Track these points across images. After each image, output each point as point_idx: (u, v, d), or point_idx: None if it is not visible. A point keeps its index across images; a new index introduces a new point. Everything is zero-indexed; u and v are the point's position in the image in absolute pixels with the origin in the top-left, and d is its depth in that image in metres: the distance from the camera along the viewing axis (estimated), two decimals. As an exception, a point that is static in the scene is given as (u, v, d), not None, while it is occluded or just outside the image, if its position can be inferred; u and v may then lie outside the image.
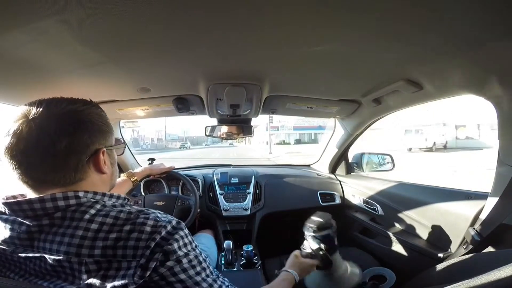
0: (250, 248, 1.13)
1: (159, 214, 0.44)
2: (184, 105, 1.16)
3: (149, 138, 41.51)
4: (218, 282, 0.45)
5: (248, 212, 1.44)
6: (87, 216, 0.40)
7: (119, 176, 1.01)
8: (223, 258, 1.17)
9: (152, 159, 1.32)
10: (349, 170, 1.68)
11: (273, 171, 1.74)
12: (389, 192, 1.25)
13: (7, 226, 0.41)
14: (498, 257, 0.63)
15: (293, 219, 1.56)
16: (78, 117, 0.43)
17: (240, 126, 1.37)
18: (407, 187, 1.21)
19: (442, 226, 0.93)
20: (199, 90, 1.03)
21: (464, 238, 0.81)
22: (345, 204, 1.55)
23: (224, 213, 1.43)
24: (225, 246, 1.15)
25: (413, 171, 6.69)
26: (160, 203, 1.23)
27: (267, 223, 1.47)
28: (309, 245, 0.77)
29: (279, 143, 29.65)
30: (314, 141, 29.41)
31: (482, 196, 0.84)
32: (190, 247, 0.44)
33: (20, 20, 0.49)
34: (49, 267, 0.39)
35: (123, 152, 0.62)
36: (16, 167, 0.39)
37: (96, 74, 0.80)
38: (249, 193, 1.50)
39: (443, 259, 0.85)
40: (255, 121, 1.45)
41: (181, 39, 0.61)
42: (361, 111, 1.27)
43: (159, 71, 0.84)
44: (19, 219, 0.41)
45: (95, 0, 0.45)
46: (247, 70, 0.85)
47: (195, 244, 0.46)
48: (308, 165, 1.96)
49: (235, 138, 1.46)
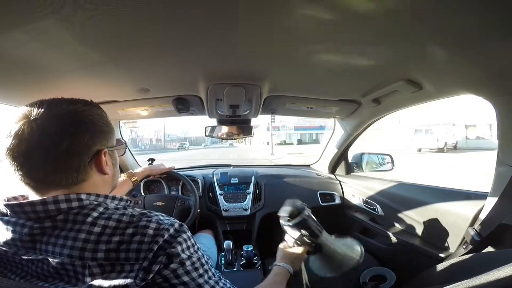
0: (250, 248, 1.13)
1: (162, 217, 0.44)
2: (184, 106, 1.16)
3: (148, 139, 41.13)
4: (220, 284, 0.46)
5: (248, 212, 1.44)
6: (90, 219, 0.40)
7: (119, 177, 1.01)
8: (223, 258, 1.17)
9: (152, 160, 1.33)
10: (349, 170, 1.68)
11: (273, 171, 1.74)
12: (389, 192, 1.25)
13: (9, 228, 0.41)
14: (498, 257, 0.64)
15: None
16: (79, 118, 0.43)
17: (240, 127, 1.37)
18: (407, 187, 1.21)
19: (442, 226, 0.93)
20: (199, 91, 1.03)
21: (464, 238, 0.81)
22: (345, 204, 1.55)
23: (224, 213, 1.43)
24: (225, 246, 1.15)
25: (439, 175, 6.11)
26: (160, 204, 1.23)
27: (267, 223, 1.47)
28: (290, 236, 0.76)
29: (280, 143, 29.53)
30: (316, 142, 29.23)
31: (482, 196, 0.84)
32: (193, 250, 0.44)
33: (20, 20, 0.49)
34: (52, 270, 0.39)
35: (124, 153, 0.62)
36: (18, 169, 0.39)
37: (96, 74, 0.80)
38: (249, 193, 1.50)
39: (443, 259, 0.85)
40: (255, 121, 1.45)
41: (181, 39, 0.61)
42: (361, 111, 1.27)
43: (159, 72, 0.84)
44: (21, 221, 0.40)
45: (95, 0, 0.45)
46: (247, 70, 0.85)
47: (198, 246, 0.46)
48: (308, 165, 1.96)
49: (235, 139, 1.46)
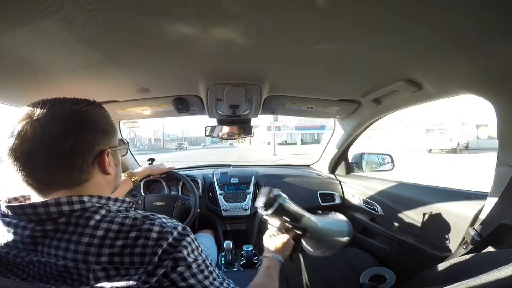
0: (250, 248, 1.13)
1: (164, 220, 0.44)
2: (184, 106, 1.16)
3: (146, 139, 40.90)
4: (225, 284, 0.46)
5: (248, 212, 1.44)
6: (92, 223, 0.39)
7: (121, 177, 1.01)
8: (223, 258, 1.17)
9: (152, 159, 1.32)
10: (349, 170, 1.68)
11: (273, 171, 1.74)
12: (389, 192, 1.25)
13: (10, 230, 0.40)
14: (498, 257, 0.63)
15: None
16: (82, 118, 0.42)
17: (240, 126, 1.37)
18: (407, 187, 1.21)
19: (442, 226, 0.93)
20: (199, 90, 1.03)
21: (464, 238, 0.81)
22: (345, 204, 1.55)
23: (224, 213, 1.43)
24: (225, 246, 1.15)
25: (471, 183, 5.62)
26: (160, 203, 1.23)
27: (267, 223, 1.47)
28: (273, 226, 0.75)
29: (281, 143, 29.32)
30: (317, 142, 28.98)
31: (482, 196, 0.84)
32: (197, 252, 0.44)
33: (20, 20, 0.49)
34: (55, 272, 0.38)
35: (127, 153, 0.62)
36: (21, 169, 0.39)
37: (96, 74, 0.80)
38: (249, 193, 1.50)
39: (443, 259, 0.85)
40: (256, 121, 1.45)
41: (181, 39, 0.61)
42: (361, 111, 1.27)
43: (159, 72, 0.84)
44: (22, 223, 0.40)
45: (95, 0, 0.45)
46: (247, 70, 0.85)
47: (201, 248, 0.46)
48: (308, 165, 1.96)
49: (235, 139, 1.46)
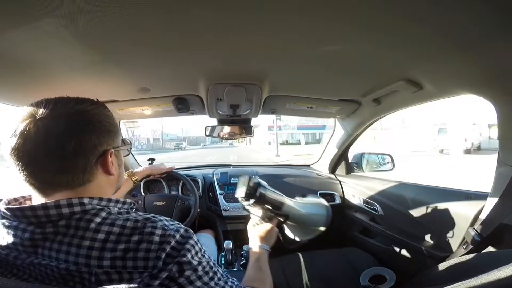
0: None
1: (166, 222, 0.43)
2: (184, 105, 1.16)
3: (145, 138, 40.54)
4: (229, 283, 0.46)
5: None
6: (93, 226, 0.39)
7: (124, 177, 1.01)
8: (223, 258, 1.17)
9: (152, 159, 1.33)
10: (349, 170, 1.68)
11: (273, 171, 1.74)
12: (389, 192, 1.25)
13: (10, 232, 0.40)
14: (498, 257, 0.64)
15: None
16: (86, 117, 0.42)
17: (240, 126, 1.37)
18: (407, 187, 1.21)
19: (442, 226, 0.93)
20: (199, 90, 1.03)
21: (464, 238, 0.81)
22: (345, 204, 1.55)
23: (224, 213, 1.43)
24: (225, 246, 1.15)
25: None
26: (160, 203, 1.23)
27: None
28: (255, 216, 0.74)
29: (282, 143, 29.04)
30: (318, 142, 28.83)
31: (482, 196, 0.84)
32: (201, 254, 0.43)
33: (20, 20, 0.49)
34: (57, 275, 0.38)
35: (129, 153, 0.61)
36: (23, 169, 0.38)
37: (96, 74, 0.80)
38: None
39: (443, 259, 0.85)
40: (256, 121, 1.45)
41: (182, 39, 0.61)
42: (361, 111, 1.27)
43: (159, 71, 0.84)
44: (22, 226, 0.40)
45: (95, 0, 0.45)
46: (247, 70, 0.85)
47: (204, 250, 0.45)
48: (308, 165, 1.96)
49: (235, 138, 1.46)
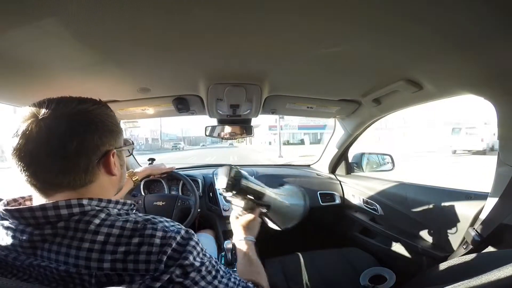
0: None
1: (166, 223, 0.43)
2: (184, 105, 1.16)
3: (143, 138, 40.27)
4: (232, 279, 0.46)
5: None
6: (92, 227, 0.39)
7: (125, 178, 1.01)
8: (223, 258, 1.17)
9: (152, 159, 1.33)
10: (349, 170, 1.68)
11: (273, 171, 1.74)
12: (389, 192, 1.25)
13: (9, 233, 0.40)
14: (498, 257, 0.64)
15: None
16: (88, 117, 0.41)
17: (241, 126, 1.37)
18: (407, 187, 1.21)
19: (442, 226, 0.93)
20: (199, 90, 1.03)
21: (464, 238, 0.81)
22: (345, 204, 1.55)
23: (224, 213, 1.43)
24: (225, 246, 1.15)
25: None
26: (160, 203, 1.23)
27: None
28: (238, 207, 0.74)
29: (283, 143, 28.99)
30: (319, 142, 28.71)
31: (482, 196, 0.84)
32: (202, 254, 0.43)
33: (20, 20, 0.49)
34: (57, 277, 0.38)
35: (131, 154, 0.61)
36: (24, 169, 0.38)
37: (97, 74, 0.80)
38: None
39: (443, 259, 0.85)
40: (256, 121, 1.45)
41: (182, 39, 0.61)
42: (361, 111, 1.27)
43: (159, 71, 0.84)
44: (20, 227, 0.40)
45: (96, 0, 0.45)
46: (247, 70, 0.85)
47: (205, 249, 0.45)
48: (308, 165, 1.96)
49: (235, 138, 1.46)
